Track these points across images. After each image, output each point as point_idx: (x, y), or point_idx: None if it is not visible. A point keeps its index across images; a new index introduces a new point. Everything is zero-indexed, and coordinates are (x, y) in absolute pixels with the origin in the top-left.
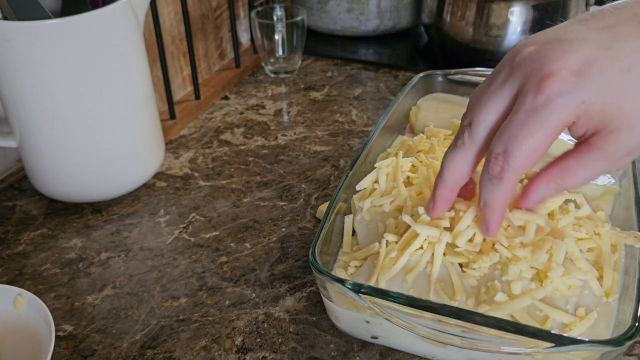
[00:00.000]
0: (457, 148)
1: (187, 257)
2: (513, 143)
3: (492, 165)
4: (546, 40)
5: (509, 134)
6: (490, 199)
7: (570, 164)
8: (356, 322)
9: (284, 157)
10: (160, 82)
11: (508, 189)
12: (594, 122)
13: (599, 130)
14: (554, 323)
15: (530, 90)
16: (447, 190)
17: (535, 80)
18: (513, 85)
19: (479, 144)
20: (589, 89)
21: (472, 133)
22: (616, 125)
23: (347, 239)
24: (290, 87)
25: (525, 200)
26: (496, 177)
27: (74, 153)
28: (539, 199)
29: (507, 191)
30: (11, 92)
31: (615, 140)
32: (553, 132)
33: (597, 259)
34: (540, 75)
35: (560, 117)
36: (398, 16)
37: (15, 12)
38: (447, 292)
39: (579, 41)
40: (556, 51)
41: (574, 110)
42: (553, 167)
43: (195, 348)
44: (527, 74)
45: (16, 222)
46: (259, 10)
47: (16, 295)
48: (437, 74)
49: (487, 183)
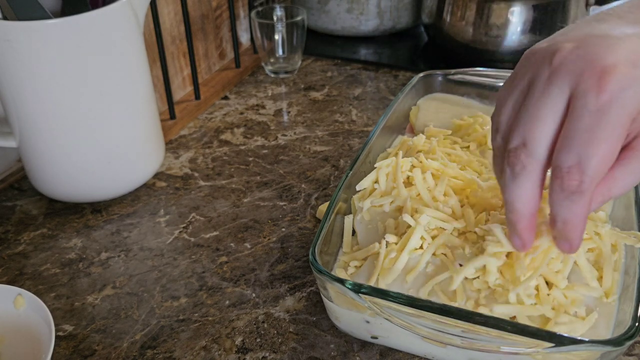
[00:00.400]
0: (519, 175)
1: (187, 257)
2: (587, 151)
3: (567, 181)
4: (580, 38)
5: (578, 142)
6: (571, 217)
7: (617, 174)
8: (356, 322)
9: (284, 157)
10: (160, 82)
11: (588, 201)
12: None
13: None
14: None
15: (589, 90)
16: (526, 220)
17: (593, 79)
18: (562, 88)
19: (542, 162)
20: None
21: (530, 153)
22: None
23: (347, 239)
24: (290, 87)
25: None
26: (575, 193)
27: (74, 153)
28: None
29: (588, 204)
30: (11, 92)
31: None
32: (622, 131)
33: (597, 259)
34: (596, 72)
35: (627, 112)
36: (398, 16)
37: (15, 12)
38: (446, 294)
39: (618, 35)
40: (601, 47)
41: (637, 105)
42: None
43: (195, 348)
44: (578, 73)
45: (16, 222)
46: (259, 10)
47: (16, 295)
48: (437, 74)
49: (564, 201)
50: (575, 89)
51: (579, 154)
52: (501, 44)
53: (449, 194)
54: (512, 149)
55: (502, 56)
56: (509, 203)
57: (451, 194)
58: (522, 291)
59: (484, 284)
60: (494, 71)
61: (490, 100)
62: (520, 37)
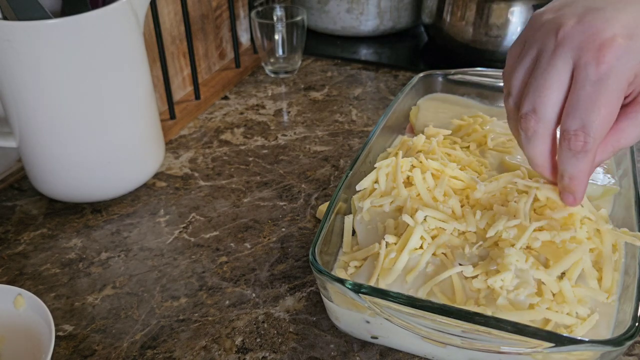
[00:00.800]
0: (532, 138)
1: (187, 257)
2: (589, 117)
3: (573, 143)
4: (581, 13)
5: (582, 109)
6: (576, 173)
7: (624, 126)
8: (356, 322)
9: (284, 157)
10: (160, 82)
11: (592, 159)
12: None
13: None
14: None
15: (590, 62)
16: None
17: (592, 52)
18: (566, 61)
19: (551, 126)
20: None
21: (540, 118)
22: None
23: (347, 239)
24: (290, 87)
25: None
26: (581, 152)
27: (74, 153)
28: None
29: (592, 161)
30: (11, 92)
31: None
32: (621, 94)
33: (597, 259)
34: (595, 46)
35: (624, 79)
36: (398, 16)
37: (15, 12)
38: (446, 295)
39: (616, 9)
40: (600, 20)
41: (633, 70)
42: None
43: (195, 348)
44: (580, 47)
45: (16, 222)
46: (259, 10)
47: (16, 295)
48: (437, 74)
49: (571, 159)
50: (578, 61)
51: (583, 119)
52: (501, 44)
53: (448, 194)
54: (524, 115)
55: (502, 56)
56: (531, 159)
57: (451, 194)
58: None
59: (484, 283)
60: (494, 71)
61: (490, 100)
62: None
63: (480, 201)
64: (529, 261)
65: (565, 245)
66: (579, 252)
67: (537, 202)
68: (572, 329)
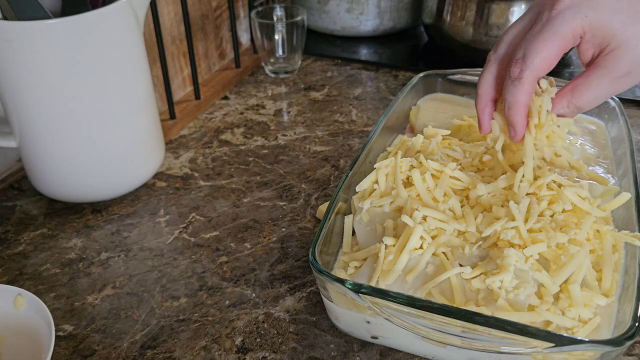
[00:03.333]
0: (484, 67)
1: (187, 257)
2: (530, 47)
3: (512, 69)
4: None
5: (527, 42)
6: (512, 101)
7: (578, 82)
8: (356, 322)
9: (284, 157)
10: (160, 82)
11: (527, 89)
12: (597, 40)
13: (602, 49)
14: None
15: (546, 9)
16: (482, 104)
17: (550, 2)
18: (533, 12)
19: (499, 58)
20: (591, 6)
21: (495, 50)
22: (616, 43)
23: (347, 239)
24: (290, 87)
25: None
26: (517, 79)
27: (74, 153)
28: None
29: (527, 91)
30: (11, 92)
31: (614, 58)
32: (564, 39)
33: (597, 260)
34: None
35: (569, 25)
36: (398, 16)
37: (15, 12)
38: (445, 296)
39: None
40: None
41: (580, 22)
42: (563, 89)
43: (195, 348)
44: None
45: (16, 222)
46: (259, 10)
47: (16, 295)
48: (437, 74)
49: (509, 86)
50: (539, 11)
51: (524, 50)
52: None
53: (448, 194)
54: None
55: None
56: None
57: (451, 194)
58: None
59: (483, 283)
60: None
61: None
62: None
63: (480, 201)
64: (528, 262)
65: (565, 246)
66: (581, 257)
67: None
68: (573, 331)
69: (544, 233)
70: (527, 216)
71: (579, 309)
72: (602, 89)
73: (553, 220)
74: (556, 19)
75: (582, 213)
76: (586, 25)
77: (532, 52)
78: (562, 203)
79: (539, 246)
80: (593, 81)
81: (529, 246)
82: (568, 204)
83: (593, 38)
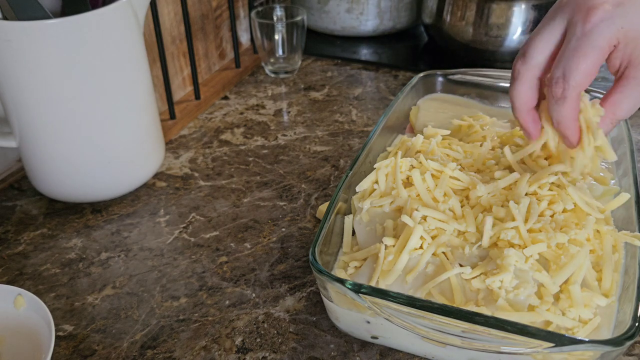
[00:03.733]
0: (515, 79)
1: (187, 257)
2: (570, 66)
3: (554, 89)
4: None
5: (565, 59)
6: (560, 118)
7: (616, 99)
8: (356, 322)
9: (284, 157)
10: (160, 82)
11: (572, 105)
12: (629, 49)
13: (631, 60)
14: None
15: (579, 21)
16: (525, 114)
17: (582, 14)
18: (562, 20)
19: (533, 69)
20: (626, 17)
21: (525, 61)
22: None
23: (347, 239)
24: (290, 87)
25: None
26: (560, 98)
27: (74, 153)
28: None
29: (572, 107)
30: (11, 92)
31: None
32: (601, 52)
33: (597, 260)
34: (585, 8)
35: (605, 38)
36: (398, 16)
37: (15, 12)
38: (445, 296)
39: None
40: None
41: (615, 34)
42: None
43: (195, 348)
44: (574, 10)
45: (16, 222)
46: (259, 10)
47: (16, 295)
48: (437, 74)
49: (553, 105)
50: (570, 21)
51: (564, 68)
52: (501, 44)
53: (448, 194)
54: (514, 61)
55: (502, 56)
56: (512, 104)
57: (451, 194)
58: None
59: (483, 283)
60: (494, 71)
61: (490, 100)
62: (520, 37)
63: (480, 201)
64: (528, 262)
65: (565, 246)
66: (581, 257)
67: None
68: (573, 331)
69: (544, 233)
70: (527, 216)
71: (579, 310)
72: (638, 97)
73: (553, 221)
74: (592, 33)
75: (582, 213)
76: (621, 35)
77: (573, 70)
78: (562, 203)
79: (539, 246)
80: (630, 93)
81: (529, 246)
82: (570, 203)
83: (625, 47)
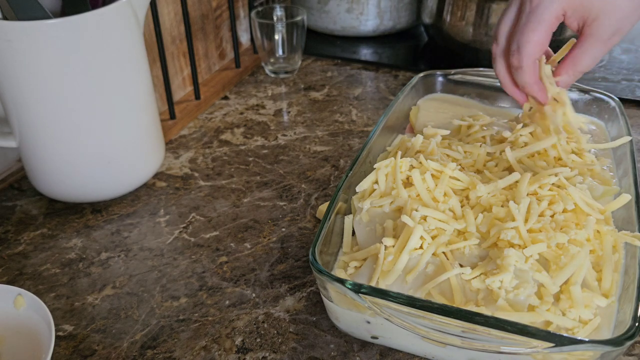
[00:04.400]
0: (493, 60)
1: (187, 257)
2: (521, 39)
3: (512, 60)
4: None
5: (518, 34)
6: (523, 83)
7: (576, 53)
8: (356, 322)
9: (284, 157)
10: (160, 82)
11: (529, 72)
12: (579, 14)
13: (585, 20)
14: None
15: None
16: (510, 86)
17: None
18: (516, 2)
19: (501, 50)
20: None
21: (497, 44)
22: (595, 14)
23: (347, 239)
24: (290, 87)
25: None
26: (518, 67)
27: (74, 153)
28: (565, 85)
29: (530, 72)
30: (11, 92)
31: (599, 25)
32: (548, 24)
33: (597, 260)
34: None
35: (551, 12)
36: (398, 16)
37: (15, 12)
38: (445, 296)
39: None
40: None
41: (560, 5)
42: (565, 60)
43: (195, 348)
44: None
45: (16, 222)
46: (259, 10)
47: (16, 295)
48: (437, 74)
49: (515, 73)
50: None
51: (518, 42)
52: None
53: (448, 194)
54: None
55: None
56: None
57: (451, 194)
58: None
59: (483, 283)
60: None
61: (490, 100)
62: None
63: (480, 201)
64: (528, 262)
65: (565, 246)
66: (582, 257)
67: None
68: (573, 331)
69: (544, 233)
70: (527, 216)
71: (579, 310)
72: (597, 51)
73: (553, 221)
74: (538, 8)
75: (582, 213)
76: (566, 5)
77: (525, 43)
78: (563, 203)
79: (539, 246)
80: (588, 48)
81: (529, 246)
82: (570, 203)
83: (574, 13)
